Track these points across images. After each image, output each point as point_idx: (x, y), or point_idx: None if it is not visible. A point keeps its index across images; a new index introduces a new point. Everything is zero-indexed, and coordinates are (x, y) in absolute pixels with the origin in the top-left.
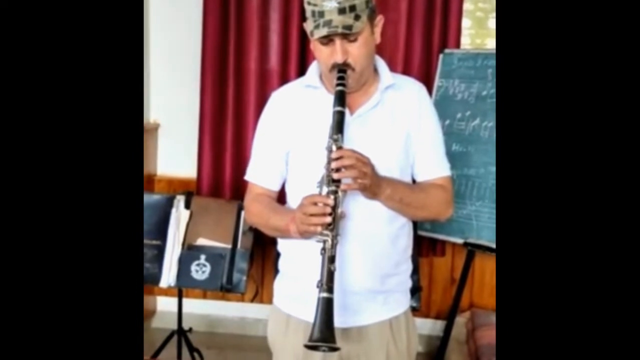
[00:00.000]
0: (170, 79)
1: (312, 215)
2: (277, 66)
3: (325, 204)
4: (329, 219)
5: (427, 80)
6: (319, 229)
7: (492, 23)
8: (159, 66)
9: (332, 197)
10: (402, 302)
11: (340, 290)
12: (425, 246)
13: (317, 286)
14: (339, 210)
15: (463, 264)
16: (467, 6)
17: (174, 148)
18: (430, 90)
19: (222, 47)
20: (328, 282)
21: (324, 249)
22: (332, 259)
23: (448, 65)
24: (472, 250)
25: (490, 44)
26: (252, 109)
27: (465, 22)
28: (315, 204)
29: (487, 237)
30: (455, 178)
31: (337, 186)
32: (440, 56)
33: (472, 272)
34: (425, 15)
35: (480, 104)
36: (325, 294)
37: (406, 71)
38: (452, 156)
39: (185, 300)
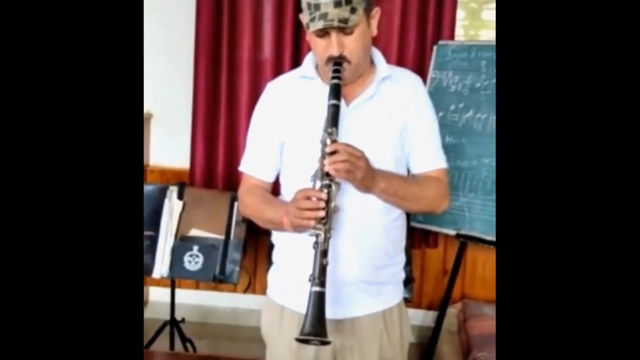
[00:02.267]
0: (163, 69)
1: (305, 209)
2: (271, 56)
3: (319, 199)
4: (322, 214)
5: (421, 72)
6: (312, 223)
7: (486, 14)
8: (151, 56)
9: (325, 191)
10: (395, 293)
11: (334, 282)
12: (417, 237)
13: (309, 280)
14: (333, 205)
15: (455, 255)
16: None
17: (166, 138)
18: (424, 82)
19: (216, 37)
20: (320, 276)
21: (316, 242)
22: (324, 253)
23: (442, 57)
24: (464, 241)
25: (484, 35)
26: (245, 99)
27: (459, 14)
28: (309, 198)
29: (480, 228)
30: (449, 170)
31: (331, 180)
32: (434, 48)
33: (464, 264)
34: (420, 6)
35: (474, 96)
36: (317, 288)
37: (400, 63)
38: (445, 148)
39: (177, 291)
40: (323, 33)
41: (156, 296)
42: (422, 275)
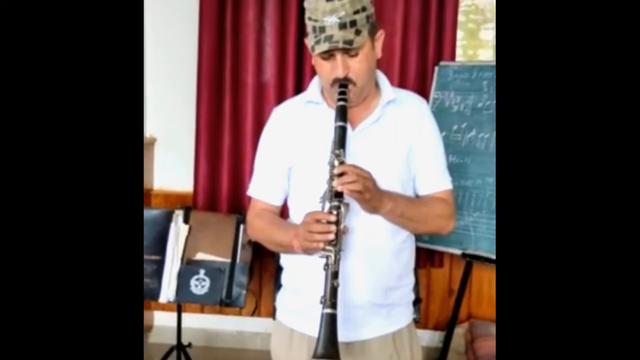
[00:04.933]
0: (167, 93)
1: (315, 232)
2: (274, 79)
3: (328, 221)
4: (332, 236)
5: (423, 93)
6: (322, 245)
7: (483, 34)
8: (155, 80)
9: (334, 213)
10: (404, 315)
11: (344, 305)
12: (422, 257)
13: (321, 302)
14: (342, 226)
15: (461, 275)
16: (458, 18)
17: (170, 162)
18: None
19: (219, 61)
20: (331, 298)
21: (327, 264)
22: (335, 275)
23: (444, 77)
24: (470, 261)
25: (483, 55)
26: (249, 122)
27: (457, 34)
28: (318, 220)
29: (485, 247)
30: (453, 190)
31: (340, 202)
32: (436, 69)
33: (470, 283)
34: (420, 28)
35: (476, 115)
36: (328, 310)
37: (402, 84)
38: (449, 168)
39: (182, 315)
40: (328, 55)
41: (161, 321)
42: (428, 296)
